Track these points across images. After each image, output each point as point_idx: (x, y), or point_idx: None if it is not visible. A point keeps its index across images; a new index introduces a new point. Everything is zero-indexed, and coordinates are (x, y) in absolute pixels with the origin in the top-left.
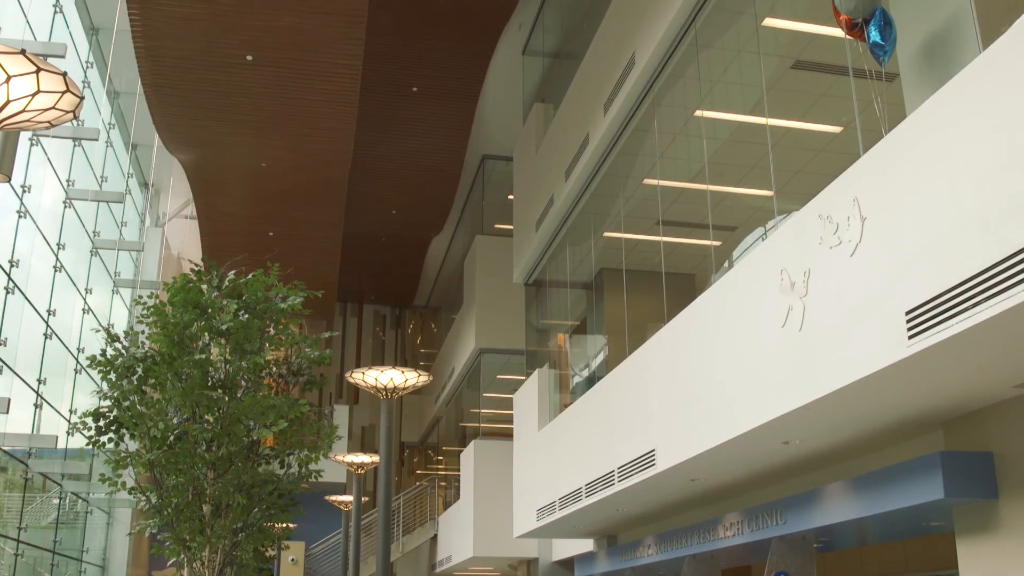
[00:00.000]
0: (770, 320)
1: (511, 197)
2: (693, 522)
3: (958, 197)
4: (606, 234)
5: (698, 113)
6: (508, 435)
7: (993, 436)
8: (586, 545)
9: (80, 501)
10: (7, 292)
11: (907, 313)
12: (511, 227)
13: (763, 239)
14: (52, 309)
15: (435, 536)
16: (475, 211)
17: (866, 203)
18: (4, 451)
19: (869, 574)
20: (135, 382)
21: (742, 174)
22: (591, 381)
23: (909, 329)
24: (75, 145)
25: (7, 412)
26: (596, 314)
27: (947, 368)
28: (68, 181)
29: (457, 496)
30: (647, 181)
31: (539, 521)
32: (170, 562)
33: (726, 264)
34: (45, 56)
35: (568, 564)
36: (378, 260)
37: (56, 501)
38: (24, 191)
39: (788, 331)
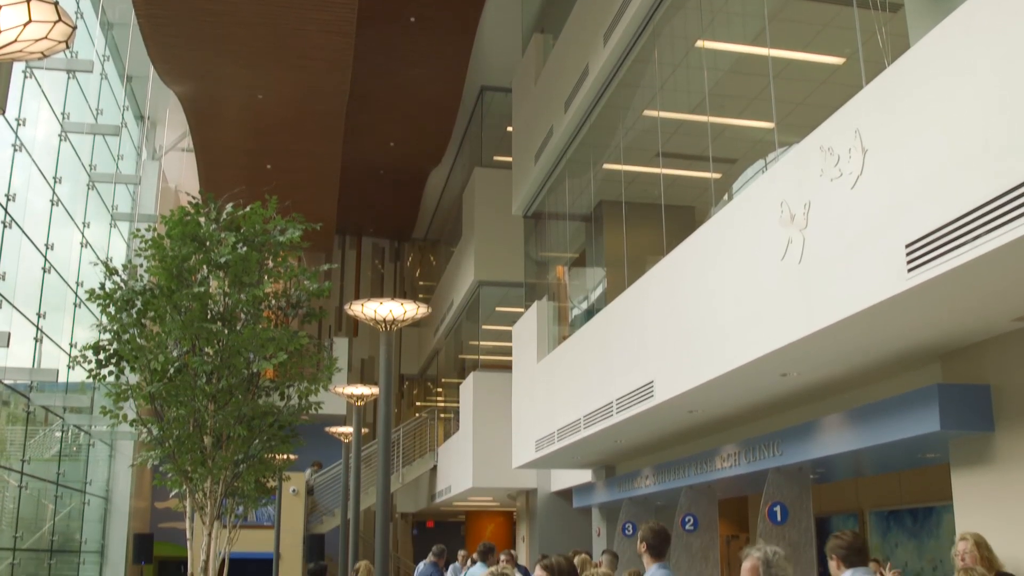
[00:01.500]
0: (769, 253)
1: (510, 129)
2: (691, 453)
3: (960, 129)
4: (605, 166)
5: (699, 44)
6: (507, 367)
7: (991, 369)
8: (584, 476)
9: (82, 434)
10: (4, 227)
11: (907, 246)
12: (510, 159)
13: (763, 171)
14: (50, 243)
15: (435, 467)
16: (474, 143)
17: (868, 135)
18: (5, 385)
19: (865, 505)
20: (134, 315)
21: (743, 106)
22: (590, 313)
23: (909, 262)
24: (69, 77)
25: (7, 346)
26: (595, 246)
27: (946, 301)
28: (63, 114)
29: (456, 428)
30: (647, 113)
31: (538, 452)
32: (172, 493)
33: (726, 197)
34: None
35: (566, 495)
36: (376, 193)
37: (58, 434)
38: (19, 124)
39: (787, 264)
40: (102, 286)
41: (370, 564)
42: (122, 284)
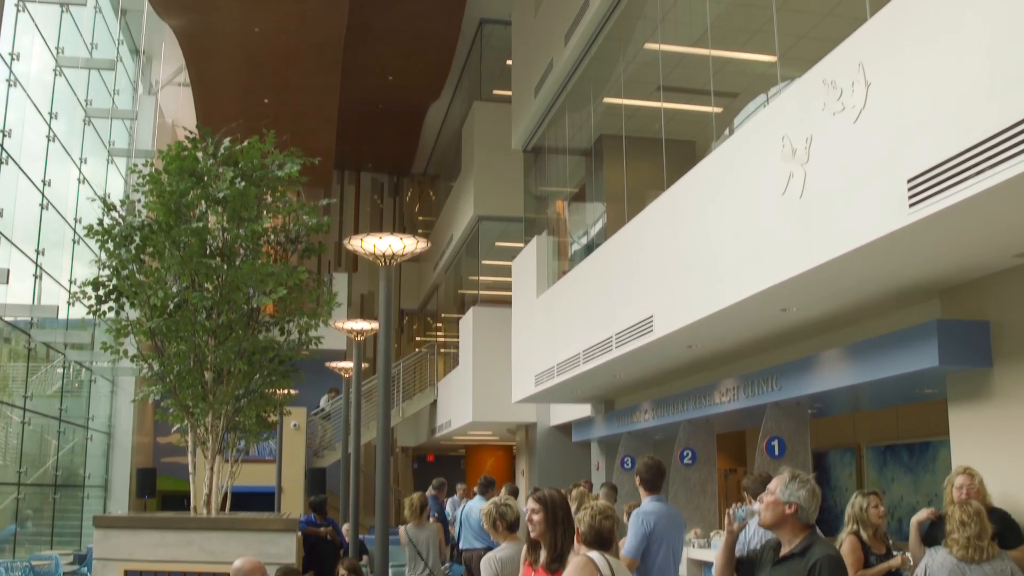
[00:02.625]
0: (770, 187)
1: (509, 62)
2: (689, 388)
3: (965, 63)
4: (606, 100)
5: None
6: (507, 302)
7: (990, 305)
8: (583, 410)
9: (84, 370)
10: (1, 163)
11: (909, 181)
12: (509, 93)
13: (765, 106)
14: (47, 180)
15: (435, 402)
16: (473, 77)
17: (871, 68)
18: (6, 322)
19: (862, 440)
20: (133, 251)
21: (745, 39)
22: (589, 248)
23: (910, 197)
24: (63, 11)
25: (7, 283)
26: (595, 181)
27: (947, 236)
28: (57, 48)
29: (456, 362)
30: (648, 45)
31: (537, 387)
32: (174, 428)
33: (727, 131)
34: None
35: (566, 429)
36: (375, 127)
37: (60, 370)
38: (13, 59)
39: (788, 198)
40: (100, 222)
41: (354, 561)
42: (120, 220)
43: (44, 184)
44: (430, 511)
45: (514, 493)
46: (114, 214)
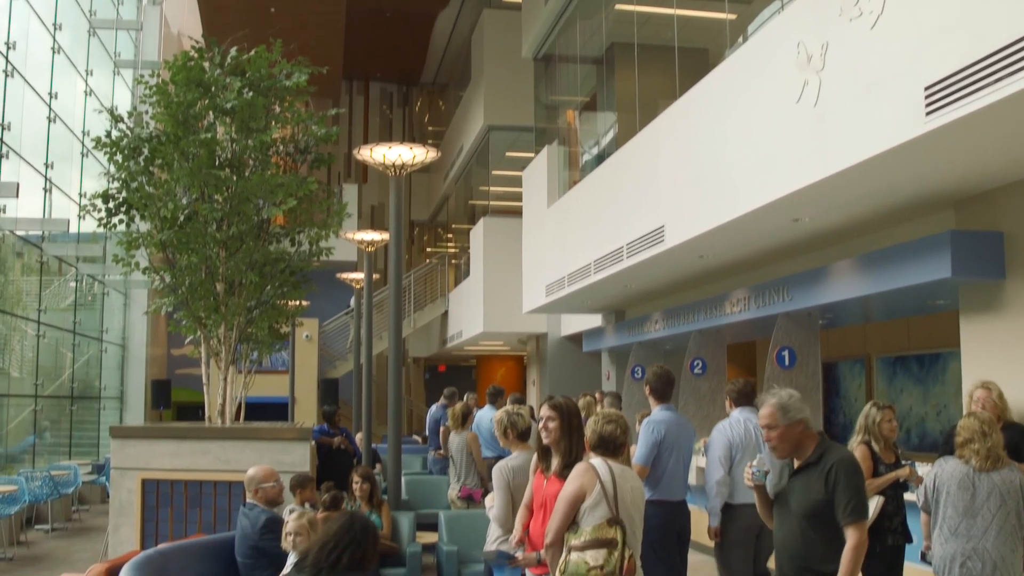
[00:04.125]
0: (784, 95)
1: None
2: (700, 298)
3: None
4: (617, 7)
5: None
6: (517, 212)
7: (1004, 216)
8: (594, 320)
9: (96, 283)
10: (6, 75)
11: (926, 89)
12: (520, 0)
13: (780, 12)
14: (54, 92)
15: (446, 312)
16: None
17: None
18: (18, 236)
19: (872, 351)
20: (142, 163)
21: None
22: (600, 158)
23: (927, 105)
24: None
25: (17, 196)
26: (606, 90)
27: (963, 146)
28: None
29: (467, 273)
30: None
31: (548, 297)
32: (187, 340)
33: (740, 39)
34: None
35: (576, 339)
36: (383, 36)
37: (73, 284)
38: None
39: (803, 106)
40: (108, 134)
41: (368, 469)
42: (128, 132)
43: (51, 97)
44: (441, 421)
45: (519, 403)
46: (122, 126)
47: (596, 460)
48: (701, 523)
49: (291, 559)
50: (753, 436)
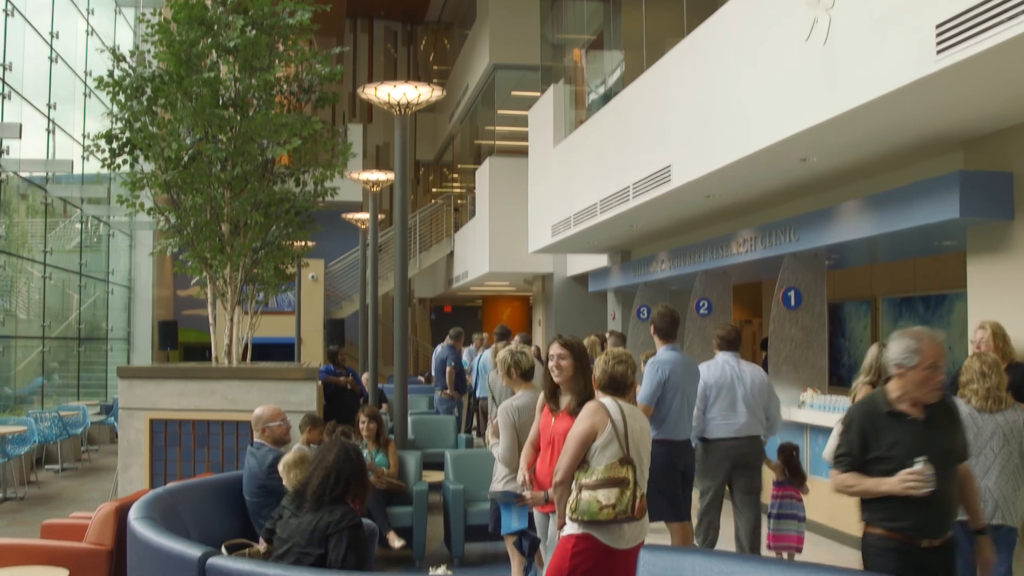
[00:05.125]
0: (793, 33)
1: None
2: (706, 238)
3: None
4: None
5: None
6: (523, 152)
7: (1014, 156)
8: (600, 261)
9: (101, 224)
10: (6, 15)
11: (937, 26)
12: None
13: None
14: (55, 31)
15: (451, 253)
16: None
17: None
18: (22, 177)
19: (878, 292)
20: (145, 103)
21: None
22: (607, 97)
23: (938, 43)
24: None
25: (20, 137)
26: (613, 28)
27: (974, 84)
28: None
29: (473, 213)
30: None
31: (554, 237)
32: (193, 281)
33: None
34: None
35: (582, 279)
36: None
37: (78, 225)
38: None
39: (812, 44)
40: (110, 74)
41: (374, 409)
42: (131, 71)
43: (52, 37)
44: (447, 361)
45: (527, 342)
46: (124, 65)
47: (606, 399)
48: None
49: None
50: (728, 377)
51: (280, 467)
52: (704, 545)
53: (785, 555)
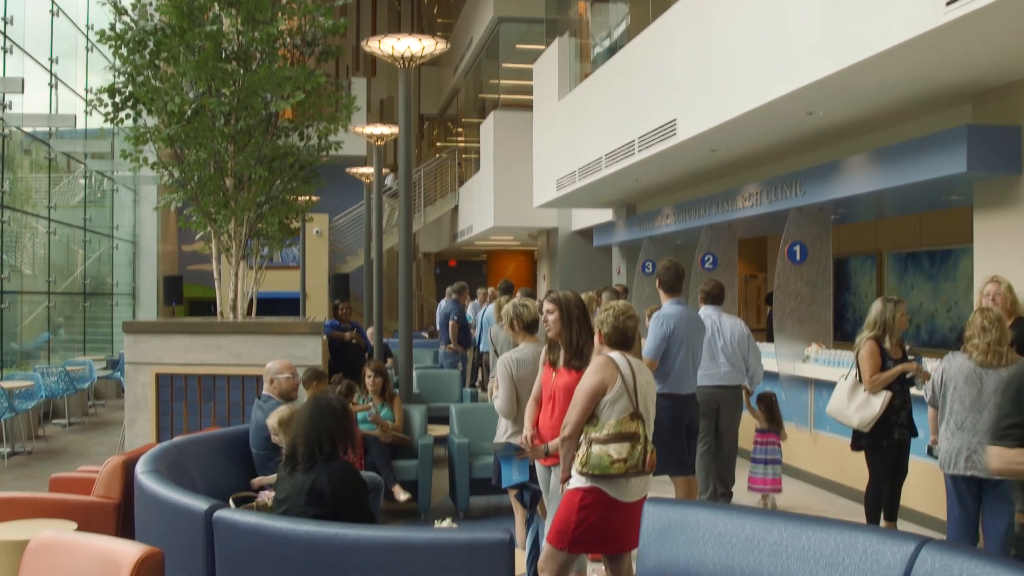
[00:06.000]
0: None
1: None
2: (712, 193)
3: None
4: None
5: None
6: (528, 106)
7: (1023, 110)
8: (605, 215)
9: (105, 179)
10: None
11: None
12: None
13: None
14: None
15: (456, 207)
16: None
17: None
18: (25, 132)
19: (883, 247)
20: (147, 56)
21: None
22: (612, 50)
23: None
24: None
25: (22, 92)
26: None
27: (983, 38)
28: None
29: (477, 168)
30: None
31: (559, 191)
32: (198, 236)
33: None
34: None
35: (587, 233)
36: None
37: (82, 180)
38: None
39: None
40: (112, 27)
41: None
42: (132, 24)
43: None
44: (451, 315)
45: (530, 296)
46: (126, 19)
47: (615, 354)
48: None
49: None
50: (709, 331)
51: (272, 424)
52: (710, 497)
53: (768, 500)
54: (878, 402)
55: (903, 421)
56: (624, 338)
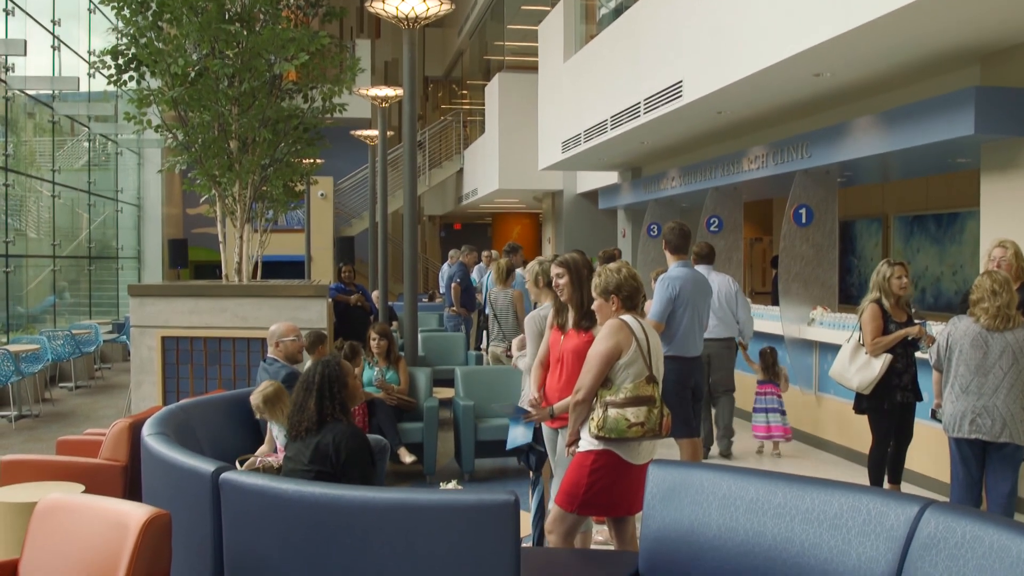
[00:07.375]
0: None
1: None
2: (718, 155)
3: None
4: None
5: None
6: (533, 68)
7: None
8: (610, 177)
9: (109, 143)
10: None
11: None
12: None
13: None
14: None
15: (461, 170)
16: None
17: None
18: (28, 95)
19: (889, 210)
20: (150, 18)
21: None
22: (618, 11)
23: None
24: None
25: (24, 54)
26: None
27: None
28: None
29: (482, 130)
30: None
31: (564, 153)
32: (203, 199)
33: None
34: None
35: (592, 196)
36: None
37: (86, 143)
38: None
39: None
40: None
41: (385, 326)
42: None
43: None
44: (454, 278)
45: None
46: None
47: (628, 317)
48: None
49: (274, 430)
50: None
51: (257, 402)
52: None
53: (773, 446)
54: (878, 364)
55: (906, 384)
56: (631, 299)
